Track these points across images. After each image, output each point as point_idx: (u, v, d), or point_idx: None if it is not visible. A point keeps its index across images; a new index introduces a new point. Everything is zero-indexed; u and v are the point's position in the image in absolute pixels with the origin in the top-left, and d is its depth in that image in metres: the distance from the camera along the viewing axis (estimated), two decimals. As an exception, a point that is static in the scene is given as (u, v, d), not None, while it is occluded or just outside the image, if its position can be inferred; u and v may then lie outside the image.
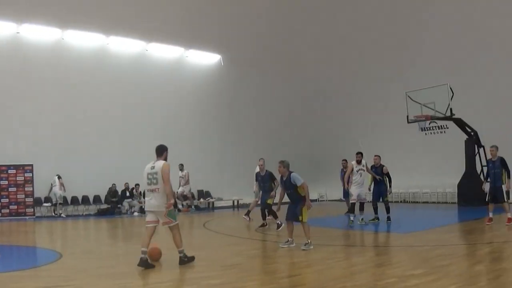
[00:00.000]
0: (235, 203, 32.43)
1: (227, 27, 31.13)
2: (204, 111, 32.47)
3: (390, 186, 19.38)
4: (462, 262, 10.56)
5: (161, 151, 11.10)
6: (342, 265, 10.59)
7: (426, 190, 30.62)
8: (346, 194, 21.13)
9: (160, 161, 10.91)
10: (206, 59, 33.76)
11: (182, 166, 27.79)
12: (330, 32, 32.34)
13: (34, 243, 16.83)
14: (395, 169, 26.53)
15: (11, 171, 25.67)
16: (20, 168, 25.76)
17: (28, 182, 25.85)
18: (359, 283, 8.60)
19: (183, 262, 10.83)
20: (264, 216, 17.96)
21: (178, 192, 27.70)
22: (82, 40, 28.23)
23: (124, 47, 29.98)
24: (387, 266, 10.39)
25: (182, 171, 27.93)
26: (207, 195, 31.74)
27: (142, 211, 27.48)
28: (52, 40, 27.29)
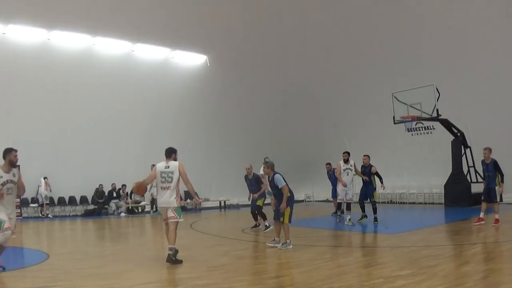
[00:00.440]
0: (222, 204, 32.41)
1: (213, 28, 31.06)
2: (191, 111, 32.39)
3: (382, 183, 19.59)
4: (449, 263, 10.58)
5: (169, 153, 11.95)
6: (329, 265, 10.59)
7: (413, 191, 30.74)
8: (334, 194, 21.16)
9: (174, 161, 11.76)
10: (192, 59, 33.64)
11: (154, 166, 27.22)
12: (317, 33, 32.33)
13: (21, 243, 16.72)
14: (382, 169, 26.58)
15: (-3, 171, 25.51)
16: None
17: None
18: (346, 284, 8.61)
19: (170, 260, 11.04)
20: (255, 217, 17.99)
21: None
22: (68, 41, 28.01)
23: (110, 47, 29.78)
24: (374, 266, 10.41)
25: None
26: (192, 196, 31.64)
27: (129, 211, 27.49)
28: (38, 41, 27.08)
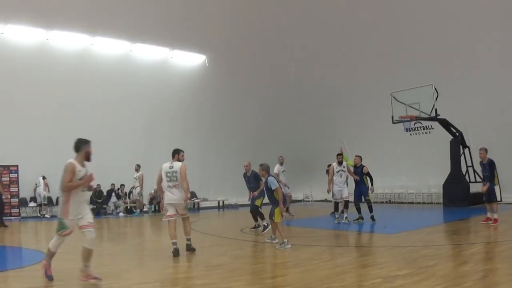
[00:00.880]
0: (221, 204, 32.42)
1: (212, 27, 31.12)
2: (189, 111, 32.36)
3: (372, 184, 19.67)
4: (447, 263, 10.57)
5: (173, 154, 12.99)
6: (328, 265, 10.59)
7: (411, 191, 30.74)
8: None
9: (178, 162, 12.74)
10: (190, 59, 33.65)
11: (139, 167, 27.12)
12: (315, 32, 32.36)
13: (19, 243, 16.74)
14: (380, 169, 26.66)
15: (-4, 171, 25.61)
16: (6, 169, 25.65)
17: (14, 182, 25.77)
18: (345, 284, 8.61)
19: (189, 248, 12.69)
20: (255, 218, 17.95)
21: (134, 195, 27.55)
22: (66, 41, 28.05)
23: (108, 47, 29.80)
24: (373, 266, 10.40)
25: (137, 172, 27.18)
26: (193, 195, 31.62)
27: (127, 211, 27.44)
28: (36, 41, 27.10)
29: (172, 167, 12.55)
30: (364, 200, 19.44)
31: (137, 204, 27.96)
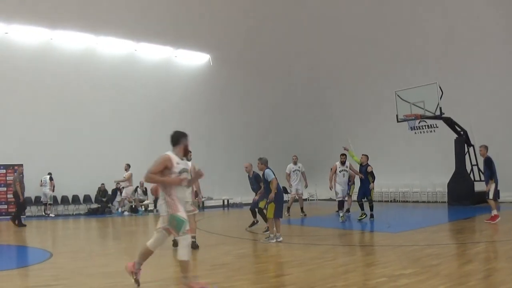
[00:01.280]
0: (225, 203, 32.41)
1: (216, 26, 31.15)
2: (194, 110, 32.37)
3: (373, 182, 19.82)
4: (452, 262, 10.56)
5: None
6: (332, 264, 10.58)
7: (416, 190, 30.64)
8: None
9: (187, 161, 12.44)
10: (195, 58, 33.72)
11: (128, 166, 26.56)
12: (319, 31, 32.36)
13: (24, 242, 16.77)
14: (385, 168, 26.61)
15: (1, 170, 25.63)
16: (10, 168, 25.68)
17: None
18: (349, 283, 8.60)
19: (195, 246, 12.93)
20: (254, 215, 17.93)
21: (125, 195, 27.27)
22: (71, 41, 28.16)
23: (113, 47, 29.92)
24: (377, 265, 10.40)
25: (126, 171, 26.65)
26: (197, 194, 31.60)
27: (132, 210, 27.43)
28: (40, 41, 27.19)
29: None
30: (366, 199, 19.57)
31: (120, 204, 27.59)
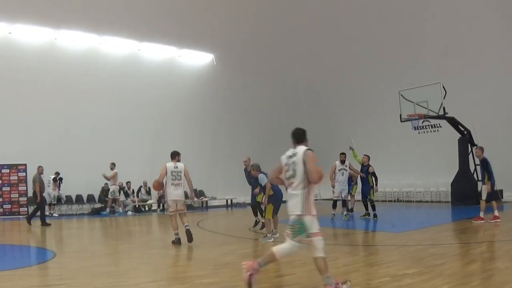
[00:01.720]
0: (229, 202, 32.44)
1: (219, 26, 31.17)
2: (197, 110, 32.44)
3: (376, 185, 20.09)
4: (455, 262, 10.55)
5: (174, 155, 14.42)
6: (335, 264, 10.56)
7: (419, 189, 30.65)
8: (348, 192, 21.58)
9: (180, 162, 14.28)
10: (198, 58, 33.80)
11: (114, 165, 26.42)
12: (323, 30, 32.39)
13: (28, 242, 16.79)
14: (388, 168, 26.59)
15: (4, 170, 25.63)
16: (14, 168, 25.70)
17: (22, 181, 25.79)
18: (353, 282, 8.56)
19: (188, 232, 13.61)
20: (255, 213, 17.98)
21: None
22: (74, 40, 28.23)
23: (116, 46, 29.99)
24: (381, 265, 10.38)
25: (112, 170, 26.44)
26: (201, 194, 31.69)
27: (136, 210, 27.45)
28: (44, 40, 27.26)
29: (177, 167, 14.04)
30: (366, 198, 19.74)
31: (108, 203, 27.10)
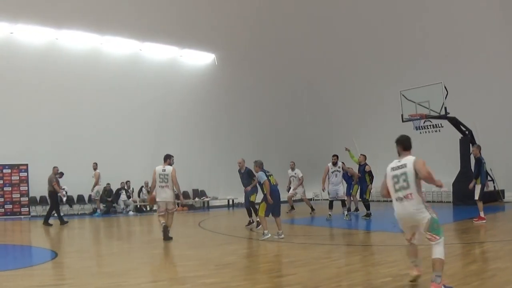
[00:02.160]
0: (230, 202, 32.42)
1: (221, 26, 31.16)
2: (199, 110, 32.42)
3: (371, 183, 20.50)
4: (456, 262, 10.52)
5: (165, 158, 15.03)
6: (337, 264, 10.59)
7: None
8: (348, 192, 21.95)
9: (169, 166, 14.80)
10: (200, 58, 33.72)
11: (96, 165, 26.18)
12: (324, 30, 32.39)
13: (29, 242, 16.80)
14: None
15: (6, 170, 25.63)
16: (15, 168, 25.71)
17: (23, 181, 25.81)
18: (354, 282, 8.60)
19: (167, 237, 14.30)
20: (249, 213, 18.10)
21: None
22: (76, 40, 28.15)
23: (118, 47, 29.91)
24: (382, 265, 10.37)
25: (95, 170, 26.22)
26: (202, 194, 31.70)
27: (137, 210, 27.47)
28: (46, 40, 27.22)
29: (164, 170, 14.71)
30: (362, 198, 20.07)
31: (97, 204, 26.85)
